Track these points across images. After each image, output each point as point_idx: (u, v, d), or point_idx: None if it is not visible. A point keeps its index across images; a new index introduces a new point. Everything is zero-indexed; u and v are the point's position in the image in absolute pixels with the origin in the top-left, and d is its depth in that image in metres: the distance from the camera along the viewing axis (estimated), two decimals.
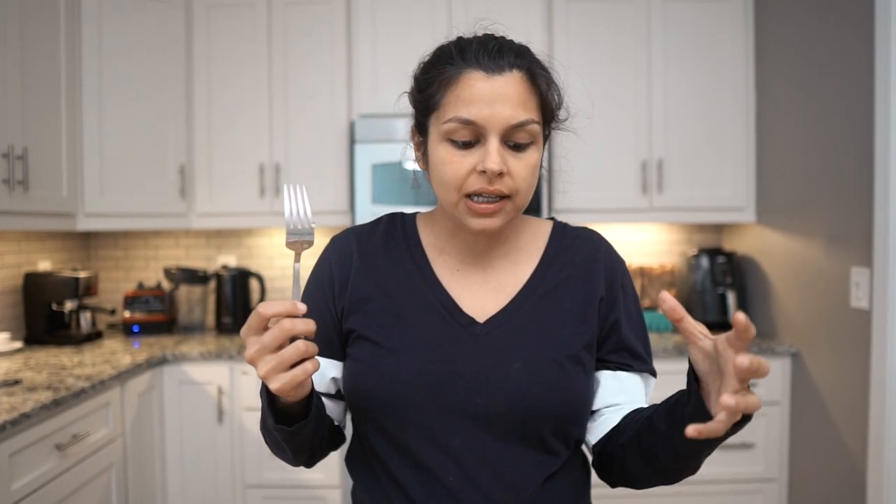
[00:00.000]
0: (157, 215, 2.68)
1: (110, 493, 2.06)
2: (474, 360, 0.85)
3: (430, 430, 0.83)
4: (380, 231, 0.95)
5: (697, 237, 3.11)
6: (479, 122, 0.81)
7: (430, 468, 0.83)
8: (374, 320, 0.89)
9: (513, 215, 0.85)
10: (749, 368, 0.62)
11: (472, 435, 0.83)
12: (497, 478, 0.82)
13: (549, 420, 0.84)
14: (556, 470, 0.86)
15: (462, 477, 0.82)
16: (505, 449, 0.83)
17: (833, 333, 2.26)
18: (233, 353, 2.43)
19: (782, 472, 2.52)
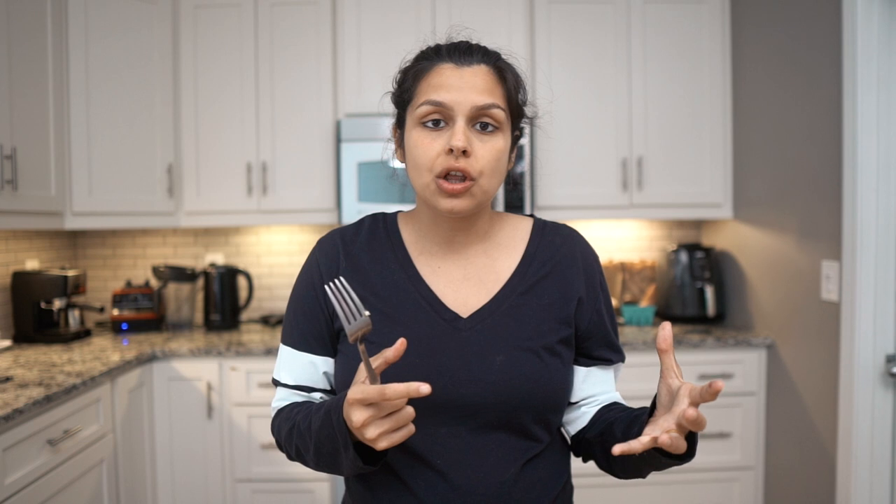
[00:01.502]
0: (145, 214, 2.71)
1: (101, 488, 2.10)
2: (459, 354, 0.90)
3: (418, 420, 0.88)
4: (363, 232, 0.99)
5: (677, 233, 3.18)
6: (448, 104, 0.87)
7: (419, 453, 0.88)
8: None
9: (481, 199, 0.90)
10: (693, 420, 0.72)
11: (458, 423, 0.88)
12: (482, 460, 0.88)
13: (530, 409, 0.90)
14: (536, 453, 0.91)
15: (449, 460, 0.87)
16: (489, 435, 0.89)
17: (805, 325, 2.34)
18: (221, 350, 2.47)
19: (759, 460, 2.60)
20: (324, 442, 0.84)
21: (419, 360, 0.89)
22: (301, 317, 0.97)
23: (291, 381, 0.97)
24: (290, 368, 0.97)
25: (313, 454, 0.88)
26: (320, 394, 0.98)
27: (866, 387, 2.06)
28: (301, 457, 0.92)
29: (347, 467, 0.83)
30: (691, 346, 2.54)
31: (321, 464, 0.89)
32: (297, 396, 0.98)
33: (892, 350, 2.04)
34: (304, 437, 0.88)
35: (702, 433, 2.55)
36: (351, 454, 0.80)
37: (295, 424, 0.91)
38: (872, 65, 2.01)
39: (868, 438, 2.06)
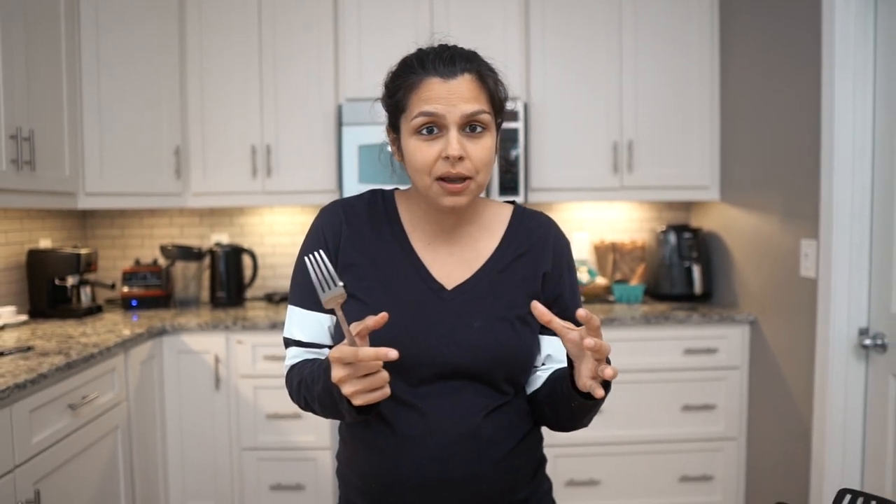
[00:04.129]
0: (153, 194, 2.82)
1: (117, 453, 2.22)
2: (442, 319, 1.03)
3: (405, 373, 1.01)
4: (364, 205, 1.12)
5: (667, 215, 3.29)
6: (440, 114, 0.98)
7: (403, 398, 1.01)
8: (361, 283, 1.06)
9: (476, 192, 1.03)
10: (593, 348, 0.83)
11: (438, 378, 1.02)
12: (456, 406, 1.01)
13: (501, 368, 1.03)
14: (503, 402, 1.05)
15: (428, 405, 1.01)
16: (464, 386, 1.02)
17: (785, 301, 2.45)
18: (228, 324, 2.58)
19: (741, 432, 2.72)
20: (324, 395, 0.96)
21: (408, 323, 1.02)
22: (307, 278, 1.08)
23: (303, 337, 1.09)
24: (300, 326, 1.09)
25: (318, 405, 1.01)
26: (326, 349, 1.09)
27: (840, 358, 2.18)
28: (310, 407, 1.04)
29: (346, 416, 0.95)
30: (677, 322, 2.66)
31: (326, 413, 1.01)
32: (307, 354, 1.10)
33: (865, 323, 2.16)
34: (310, 390, 1.01)
35: (689, 406, 2.68)
36: (344, 406, 0.92)
37: (302, 379, 1.03)
38: (849, 52, 2.11)
39: (841, 407, 2.18)
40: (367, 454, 1.03)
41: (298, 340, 1.10)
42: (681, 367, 2.68)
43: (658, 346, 2.67)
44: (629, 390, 2.65)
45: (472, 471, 0.99)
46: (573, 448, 2.65)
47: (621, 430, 2.68)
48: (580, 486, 2.67)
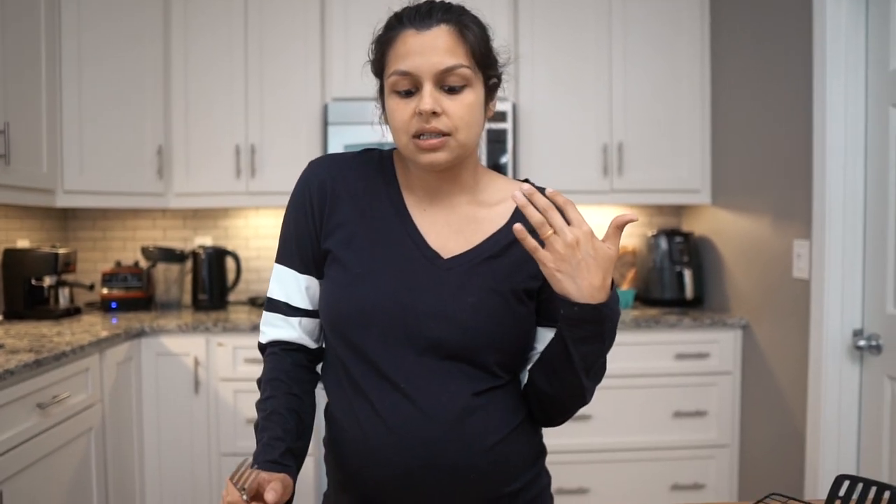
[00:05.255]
0: (135, 194, 2.76)
1: (90, 456, 2.14)
2: (434, 291, 0.95)
3: (390, 347, 0.94)
4: (358, 161, 1.05)
5: (657, 219, 3.25)
6: (413, 72, 0.92)
7: (388, 376, 0.94)
8: (349, 244, 0.99)
9: (459, 151, 0.95)
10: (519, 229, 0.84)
11: (425, 353, 0.94)
12: (444, 388, 0.93)
13: (493, 348, 0.95)
14: (495, 386, 0.97)
15: (414, 385, 0.93)
16: (453, 366, 0.94)
17: (778, 304, 2.41)
18: (209, 326, 2.52)
19: (734, 438, 2.67)
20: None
21: (398, 290, 0.95)
22: (291, 236, 1.03)
23: (280, 296, 1.03)
24: (279, 282, 1.04)
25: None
26: (300, 318, 1.03)
27: (834, 360, 2.13)
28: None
29: None
30: (668, 327, 2.61)
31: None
32: (279, 321, 1.04)
33: (859, 325, 2.12)
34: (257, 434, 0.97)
35: (680, 412, 2.63)
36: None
37: (258, 425, 0.98)
38: (840, 51, 2.09)
39: (835, 410, 2.13)
40: (351, 438, 0.97)
41: (275, 300, 1.04)
42: (672, 373, 2.63)
43: (649, 350, 2.61)
44: (619, 396, 2.60)
45: (459, 459, 0.92)
46: (562, 455, 2.58)
47: (611, 438, 2.62)
48: (569, 495, 2.60)
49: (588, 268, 0.83)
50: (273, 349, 1.05)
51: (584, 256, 0.83)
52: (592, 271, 0.83)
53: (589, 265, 0.83)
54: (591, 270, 0.83)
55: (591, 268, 0.83)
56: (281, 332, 1.04)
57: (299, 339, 1.04)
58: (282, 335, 1.04)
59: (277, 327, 1.04)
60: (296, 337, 1.04)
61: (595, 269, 0.83)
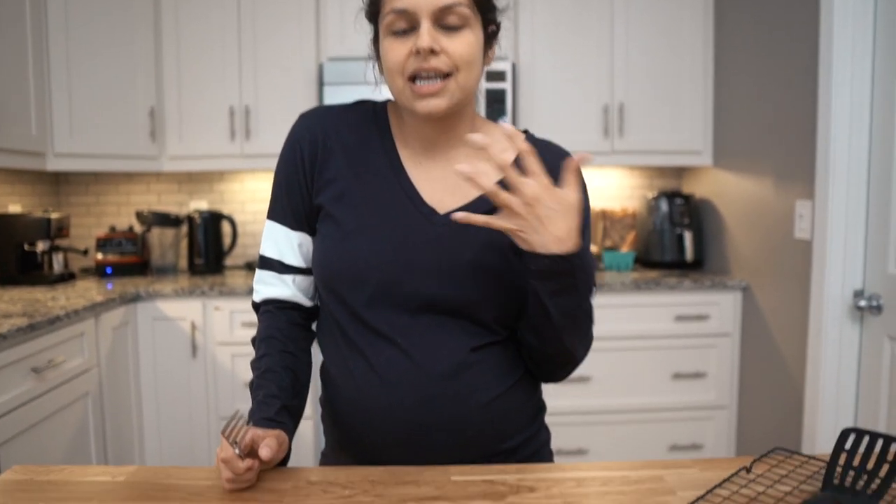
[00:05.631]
0: (127, 157, 2.71)
1: (87, 420, 2.14)
2: (430, 247, 0.92)
3: (385, 304, 0.92)
4: (352, 113, 1.00)
5: (658, 182, 3.21)
6: (411, 9, 0.87)
7: (383, 333, 0.92)
8: (341, 200, 0.95)
9: (458, 96, 0.91)
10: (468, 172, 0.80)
11: (422, 311, 0.92)
12: (440, 344, 0.91)
13: (491, 305, 0.93)
14: (493, 341, 0.95)
15: (409, 341, 0.91)
16: (449, 322, 0.92)
17: (779, 265, 2.39)
18: (206, 290, 2.49)
19: (732, 400, 2.67)
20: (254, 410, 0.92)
21: (393, 246, 0.92)
22: (282, 191, 1.00)
23: (272, 253, 1.00)
24: (271, 239, 1.01)
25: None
26: (293, 276, 1.00)
27: (834, 321, 2.12)
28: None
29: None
30: (668, 289, 2.59)
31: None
32: (273, 279, 1.01)
33: (860, 285, 2.10)
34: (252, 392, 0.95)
35: (679, 374, 2.62)
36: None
37: (253, 383, 0.96)
38: (848, 7, 2.03)
39: (835, 370, 2.13)
40: (346, 395, 0.95)
41: (268, 258, 1.01)
42: (671, 335, 2.62)
43: (648, 312, 2.60)
44: (618, 358, 2.59)
45: (455, 414, 0.90)
46: (560, 416, 2.59)
47: (610, 399, 2.62)
48: (568, 456, 2.61)
49: (551, 220, 0.80)
50: (267, 307, 1.03)
51: (545, 212, 0.80)
52: (557, 223, 0.81)
53: (552, 217, 0.80)
54: (554, 222, 0.81)
55: (554, 220, 0.80)
56: (275, 291, 1.02)
57: (293, 297, 1.02)
58: (276, 293, 1.02)
59: (271, 285, 1.02)
60: (290, 295, 1.01)
61: (559, 220, 0.81)
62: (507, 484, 0.80)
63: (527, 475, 0.82)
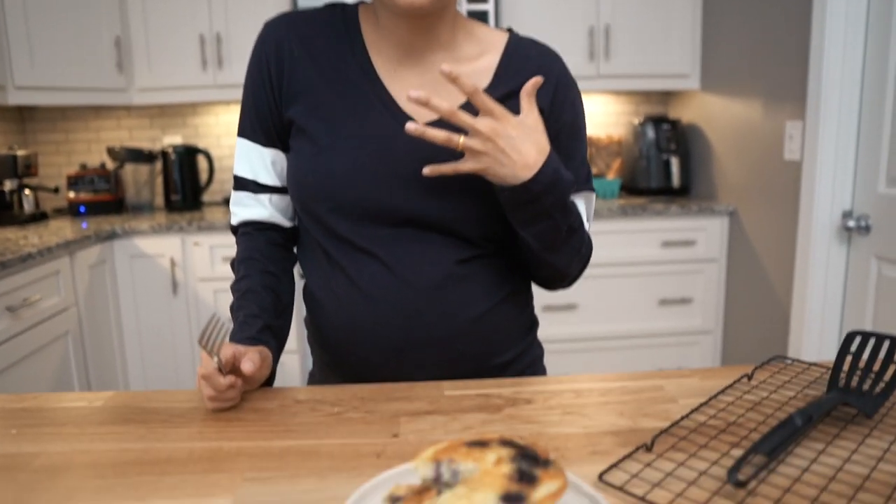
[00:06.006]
0: (94, 90, 2.59)
1: (69, 359, 2.10)
2: (409, 158, 0.86)
3: (365, 220, 0.87)
4: (319, 18, 0.92)
5: (644, 108, 3.15)
6: None
7: (364, 249, 0.87)
8: (313, 112, 0.89)
9: None
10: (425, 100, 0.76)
11: (402, 225, 0.87)
12: (423, 257, 0.87)
13: (476, 222, 0.88)
14: (480, 254, 0.90)
15: (392, 256, 0.87)
16: (432, 236, 0.87)
17: (767, 187, 2.36)
18: (184, 226, 2.43)
19: (718, 325, 2.69)
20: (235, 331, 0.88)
21: (368, 160, 0.86)
22: (250, 106, 0.93)
23: (246, 173, 0.95)
24: (245, 158, 0.95)
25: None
26: (269, 195, 0.95)
27: (822, 242, 2.11)
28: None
29: None
30: (655, 214, 2.56)
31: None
32: (248, 200, 0.96)
33: (849, 206, 2.08)
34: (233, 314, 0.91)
35: (666, 300, 2.62)
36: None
37: (233, 305, 0.92)
38: None
39: (821, 292, 2.13)
40: (330, 314, 0.91)
41: (242, 177, 0.96)
42: (658, 261, 2.61)
43: (635, 238, 2.58)
44: (605, 285, 2.58)
45: (444, 329, 0.87)
46: (546, 345, 2.59)
47: (596, 326, 2.62)
48: None
49: (514, 148, 0.77)
50: (245, 229, 0.97)
51: (505, 142, 0.76)
52: (520, 149, 0.77)
53: (514, 146, 0.77)
54: (517, 149, 0.77)
55: (517, 147, 0.77)
56: (251, 212, 0.96)
57: (271, 218, 0.97)
58: (253, 215, 0.96)
59: (247, 207, 0.96)
60: (267, 215, 0.96)
61: (522, 145, 0.77)
62: (503, 397, 0.77)
63: (523, 388, 0.80)
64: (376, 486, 0.55)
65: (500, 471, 0.46)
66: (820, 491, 0.55)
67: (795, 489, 0.55)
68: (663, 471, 0.59)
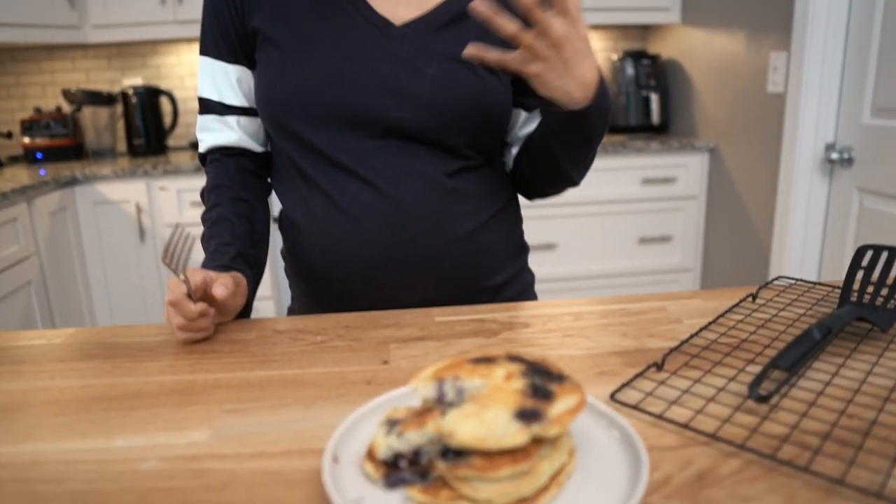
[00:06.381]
0: (44, 26, 2.43)
1: (32, 309, 2.01)
2: (387, 63, 0.80)
3: (342, 132, 0.80)
4: None
5: (623, 43, 3.07)
6: None
7: (343, 164, 0.81)
8: (279, 18, 0.82)
9: None
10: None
11: (385, 137, 0.80)
12: (409, 172, 0.81)
13: (463, 129, 0.82)
14: (470, 167, 0.84)
15: (375, 171, 0.80)
16: (417, 150, 0.81)
17: (749, 122, 2.32)
18: (148, 170, 2.32)
19: (697, 262, 2.68)
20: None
21: (342, 68, 0.79)
22: (212, 20, 0.85)
23: (212, 94, 0.88)
24: (209, 77, 0.87)
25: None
26: (237, 117, 0.88)
27: (805, 175, 2.08)
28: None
29: None
30: (635, 151, 2.51)
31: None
32: (215, 124, 0.89)
33: (832, 138, 2.05)
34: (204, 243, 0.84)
35: (645, 238, 2.60)
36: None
37: (204, 235, 0.84)
38: None
39: (802, 226, 2.11)
40: (309, 238, 0.85)
41: (207, 99, 0.88)
42: (638, 199, 2.57)
43: (615, 176, 2.54)
44: (585, 223, 2.55)
45: (431, 248, 0.81)
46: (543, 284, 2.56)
47: (576, 266, 2.59)
48: None
49: (577, 62, 0.67)
50: (214, 156, 0.90)
51: (571, 53, 0.66)
52: (582, 65, 0.68)
53: (577, 59, 0.67)
54: (579, 64, 0.68)
55: (579, 62, 0.67)
56: (219, 137, 0.89)
57: (241, 142, 0.89)
58: (221, 140, 0.89)
59: (215, 131, 0.89)
60: (236, 139, 0.89)
61: (584, 60, 0.68)
62: (498, 321, 0.72)
63: (518, 312, 0.75)
64: (370, 411, 0.50)
65: (512, 386, 0.41)
66: (846, 404, 0.51)
67: (821, 402, 0.52)
68: (678, 388, 0.55)
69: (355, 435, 0.47)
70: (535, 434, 0.38)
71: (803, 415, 0.49)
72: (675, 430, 0.49)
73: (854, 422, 0.49)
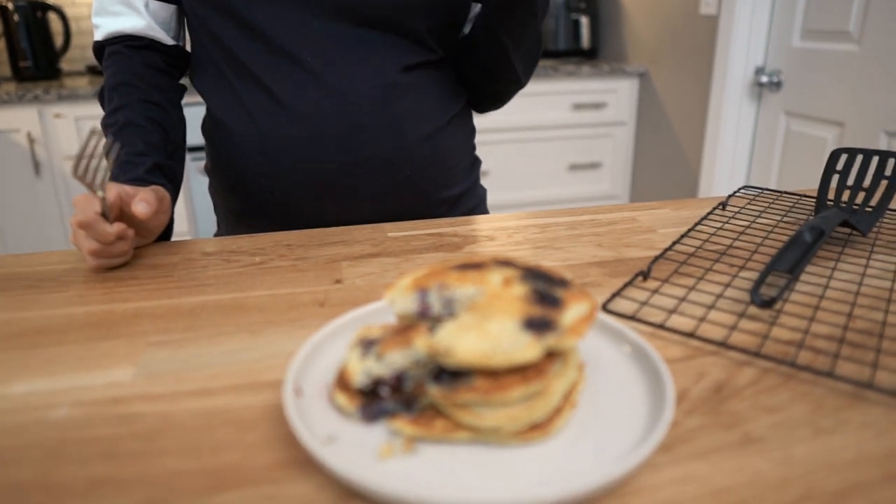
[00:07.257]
0: None
1: None
2: None
3: (285, 11, 0.68)
4: None
5: None
6: None
7: (286, 50, 0.69)
8: None
9: None
10: None
11: (335, 18, 0.69)
12: (362, 61, 0.70)
13: (424, 13, 0.72)
14: (428, 61, 0.75)
15: (322, 58, 0.69)
16: (372, 35, 0.71)
17: (680, 46, 2.29)
18: (39, 94, 2.08)
19: (625, 189, 2.68)
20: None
21: None
22: None
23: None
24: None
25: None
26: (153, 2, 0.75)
27: (734, 99, 2.08)
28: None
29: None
30: (566, 75, 2.45)
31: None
32: (117, 6, 0.75)
33: (762, 62, 2.05)
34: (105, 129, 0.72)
35: (575, 165, 2.57)
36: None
37: (108, 125, 0.72)
38: None
39: (731, 150, 2.13)
40: (243, 142, 0.73)
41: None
42: (568, 124, 2.53)
43: (545, 101, 2.47)
44: (515, 150, 2.49)
45: (389, 149, 0.72)
46: None
47: (505, 193, 2.55)
48: None
49: None
50: (115, 47, 0.76)
51: None
52: None
53: None
54: None
55: None
56: (122, 22, 0.75)
57: (148, 31, 0.75)
58: (125, 25, 0.75)
59: (116, 15, 0.75)
60: (143, 27, 0.75)
61: None
62: (460, 235, 0.65)
63: (479, 225, 0.68)
64: (332, 333, 0.42)
65: (512, 293, 0.34)
66: (851, 306, 0.47)
67: (824, 306, 0.48)
68: (675, 297, 0.49)
69: (318, 362, 0.39)
70: (549, 346, 0.31)
71: (811, 319, 0.45)
72: (679, 340, 0.44)
73: (862, 323, 0.45)
